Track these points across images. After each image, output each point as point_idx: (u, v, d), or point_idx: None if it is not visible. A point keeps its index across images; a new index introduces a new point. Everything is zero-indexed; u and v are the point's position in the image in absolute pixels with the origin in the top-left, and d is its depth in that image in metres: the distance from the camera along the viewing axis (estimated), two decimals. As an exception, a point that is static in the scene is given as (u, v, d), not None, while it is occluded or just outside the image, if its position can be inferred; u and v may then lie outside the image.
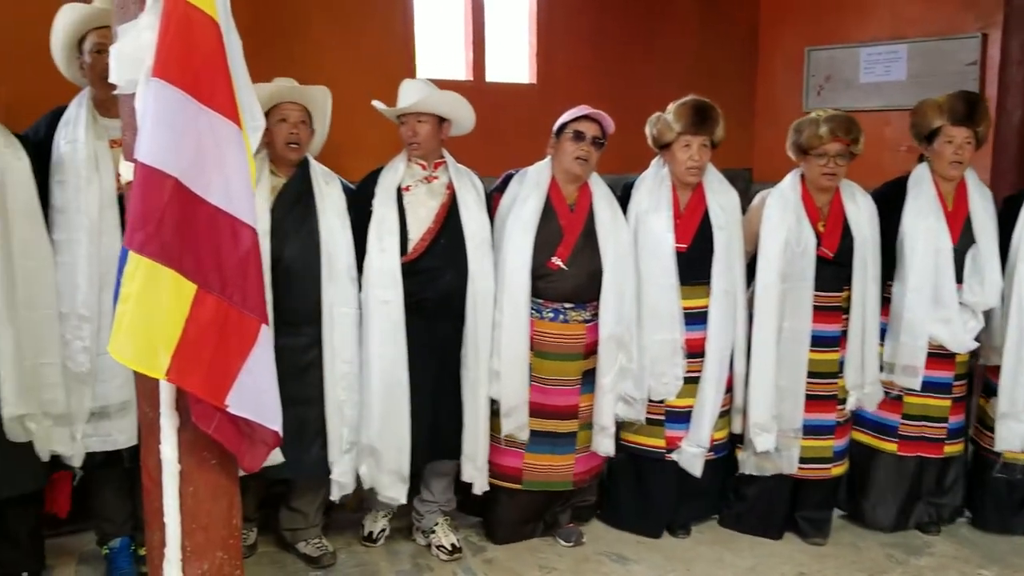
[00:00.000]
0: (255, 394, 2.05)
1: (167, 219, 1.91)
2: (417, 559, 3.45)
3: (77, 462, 2.97)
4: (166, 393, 2.02)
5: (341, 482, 3.20)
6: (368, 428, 3.17)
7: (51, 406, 2.87)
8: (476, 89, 3.34)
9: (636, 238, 3.39)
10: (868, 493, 3.67)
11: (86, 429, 2.95)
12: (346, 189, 3.27)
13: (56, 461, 2.97)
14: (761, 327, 3.41)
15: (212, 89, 1.95)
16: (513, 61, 5.39)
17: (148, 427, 2.11)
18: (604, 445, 3.42)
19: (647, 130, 3.46)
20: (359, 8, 4.60)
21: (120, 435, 2.97)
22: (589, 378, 3.41)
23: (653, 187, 3.44)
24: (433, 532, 3.50)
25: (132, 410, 2.81)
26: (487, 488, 3.39)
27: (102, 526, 3.22)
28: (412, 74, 4.69)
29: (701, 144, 3.35)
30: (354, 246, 3.19)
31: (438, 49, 5.13)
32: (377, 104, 3.28)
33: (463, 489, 3.53)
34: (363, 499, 3.54)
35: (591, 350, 3.38)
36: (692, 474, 3.47)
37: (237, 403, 2.01)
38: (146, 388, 2.08)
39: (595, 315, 3.36)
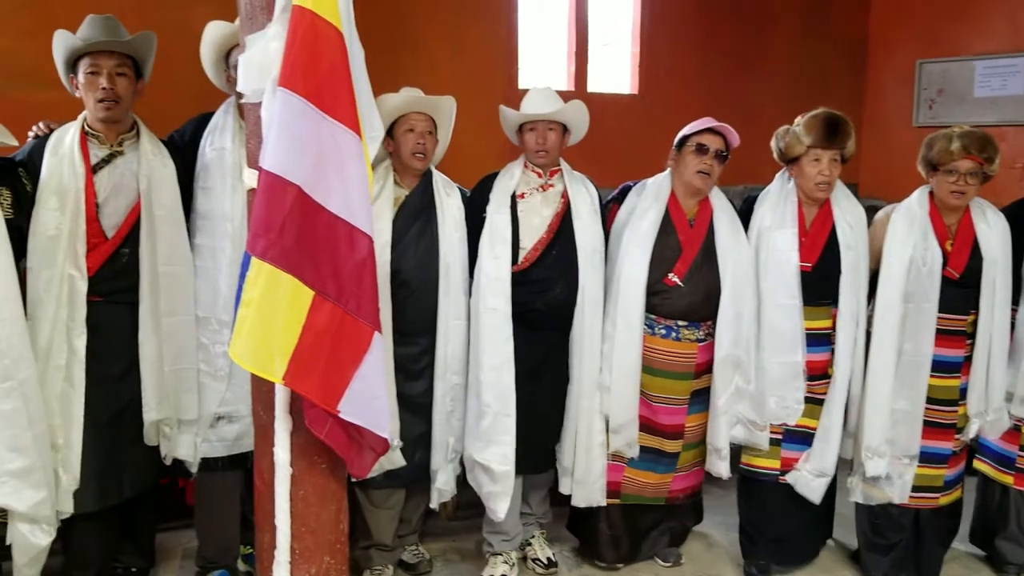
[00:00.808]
0: (366, 401, 2.07)
1: (288, 226, 1.94)
2: (512, 571, 3.43)
3: (195, 468, 2.99)
4: (281, 397, 2.06)
5: (443, 490, 3.19)
6: (474, 438, 3.14)
7: (185, 412, 2.93)
8: (578, 99, 3.28)
9: (757, 255, 3.28)
10: (998, 530, 3.49)
11: (208, 434, 2.97)
12: (463, 197, 3.26)
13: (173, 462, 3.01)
14: (879, 348, 3.25)
15: (334, 98, 1.97)
16: (615, 71, 5.36)
17: (262, 430, 2.15)
18: (718, 467, 3.29)
19: (773, 143, 3.34)
20: (465, 20, 4.64)
21: (249, 439, 2.86)
22: (697, 398, 3.30)
23: (777, 203, 3.31)
24: (529, 545, 3.48)
25: None
26: (595, 502, 3.30)
27: (203, 550, 3.20)
28: (515, 85, 4.72)
29: (831, 158, 3.21)
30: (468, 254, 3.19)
31: (540, 60, 5.14)
32: (506, 110, 3.23)
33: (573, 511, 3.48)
34: (459, 506, 3.54)
35: (702, 370, 3.28)
36: (810, 500, 3.32)
37: (349, 409, 2.03)
38: (261, 391, 2.13)
39: (708, 334, 3.26)
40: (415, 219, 3.12)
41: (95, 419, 2.78)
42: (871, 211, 3.48)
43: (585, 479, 3.27)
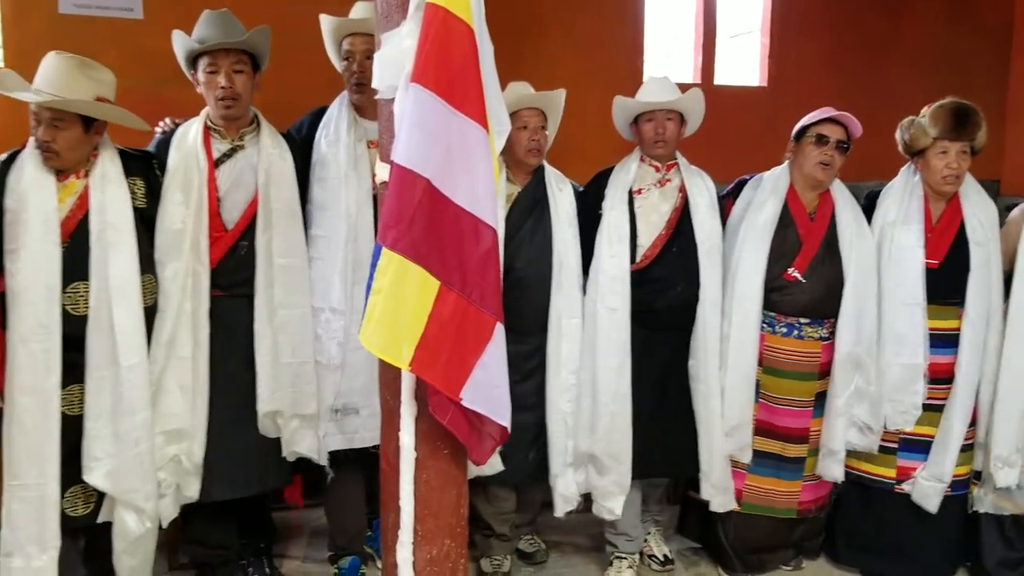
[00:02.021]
0: (487, 389, 2.12)
1: (418, 218, 2.00)
2: (628, 566, 3.43)
3: (323, 460, 3.01)
4: (407, 383, 2.12)
5: (566, 495, 3.14)
6: (589, 438, 3.11)
7: (303, 407, 2.93)
8: (704, 92, 3.21)
9: (880, 252, 3.16)
10: None
11: (328, 428, 2.99)
12: (576, 192, 3.23)
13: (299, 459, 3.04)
14: (1011, 353, 3.09)
15: (464, 94, 2.01)
16: (743, 63, 5.26)
17: (388, 415, 2.22)
18: (832, 470, 3.19)
19: (898, 135, 3.21)
20: (589, 12, 4.64)
21: (367, 432, 2.99)
22: (822, 400, 3.20)
23: (902, 197, 3.19)
24: (645, 542, 3.46)
25: (377, 413, 2.56)
26: (733, 506, 3.23)
27: (335, 539, 3.30)
28: (640, 79, 4.68)
29: (960, 151, 3.07)
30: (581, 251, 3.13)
31: (665, 52, 5.10)
32: (623, 100, 3.17)
33: (683, 512, 3.47)
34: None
35: (826, 370, 3.17)
36: (926, 508, 3.19)
37: (471, 397, 2.08)
38: (388, 377, 2.19)
39: (832, 333, 3.15)
40: (528, 215, 3.10)
41: (220, 412, 2.84)
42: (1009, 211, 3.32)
43: (723, 484, 3.19)
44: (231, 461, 2.88)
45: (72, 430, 2.59)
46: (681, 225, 3.14)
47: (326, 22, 3.05)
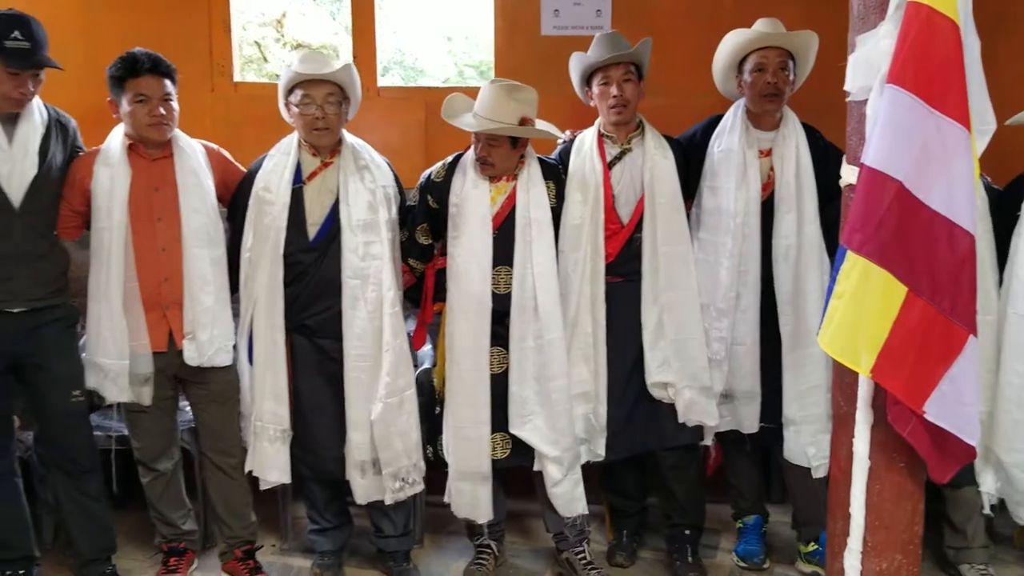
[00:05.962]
0: (954, 405, 2.01)
1: (887, 221, 1.96)
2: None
3: (708, 438, 3.25)
4: (864, 389, 2.08)
5: (988, 493, 3.04)
6: (1003, 447, 2.96)
7: (692, 379, 3.16)
8: None
9: None
10: None
11: (721, 411, 3.21)
12: (989, 191, 3.04)
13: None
14: None
15: (944, 92, 1.93)
16: None
17: (841, 420, 2.20)
18: None
19: None
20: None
21: (744, 420, 3.18)
22: None
23: None
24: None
25: (756, 399, 3.14)
26: None
27: (737, 501, 3.50)
28: None
29: None
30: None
31: None
32: None
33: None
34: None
35: None
36: None
37: (935, 411, 1.99)
38: (843, 382, 2.17)
39: None
40: None
41: (617, 380, 3.17)
42: None
43: None
44: (627, 423, 3.19)
45: (495, 385, 3.06)
46: None
47: (738, 35, 3.11)
